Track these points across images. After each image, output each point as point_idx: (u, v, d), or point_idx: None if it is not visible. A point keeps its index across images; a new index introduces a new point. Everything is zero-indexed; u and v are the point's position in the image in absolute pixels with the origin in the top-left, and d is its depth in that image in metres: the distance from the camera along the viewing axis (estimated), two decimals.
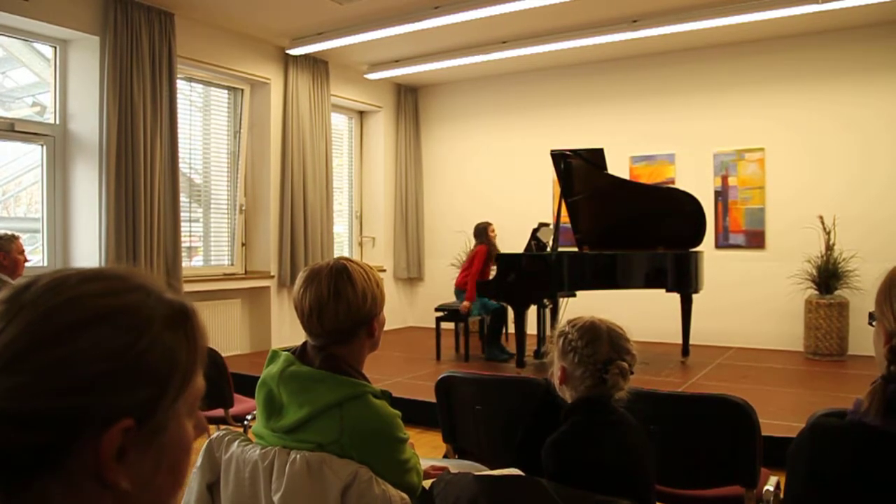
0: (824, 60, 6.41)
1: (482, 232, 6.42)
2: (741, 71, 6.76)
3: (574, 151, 5.79)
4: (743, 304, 6.69)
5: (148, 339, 0.57)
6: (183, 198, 5.95)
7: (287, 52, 6.82)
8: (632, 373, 1.62)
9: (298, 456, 1.44)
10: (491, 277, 6.04)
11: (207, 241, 6.60)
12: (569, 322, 1.67)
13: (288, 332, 6.86)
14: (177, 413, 0.60)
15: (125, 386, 0.56)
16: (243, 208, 6.82)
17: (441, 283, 7.95)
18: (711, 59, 6.88)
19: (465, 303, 6.02)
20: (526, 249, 6.12)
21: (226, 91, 6.73)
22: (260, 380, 1.58)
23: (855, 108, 6.29)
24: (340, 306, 1.52)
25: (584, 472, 1.52)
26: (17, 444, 0.53)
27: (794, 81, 6.56)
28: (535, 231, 6.18)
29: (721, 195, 6.86)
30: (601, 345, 1.60)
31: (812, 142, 6.47)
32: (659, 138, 7.14)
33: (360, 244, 8.45)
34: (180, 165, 5.86)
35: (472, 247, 6.48)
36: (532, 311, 6.02)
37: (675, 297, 5.78)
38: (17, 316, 0.55)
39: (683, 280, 5.69)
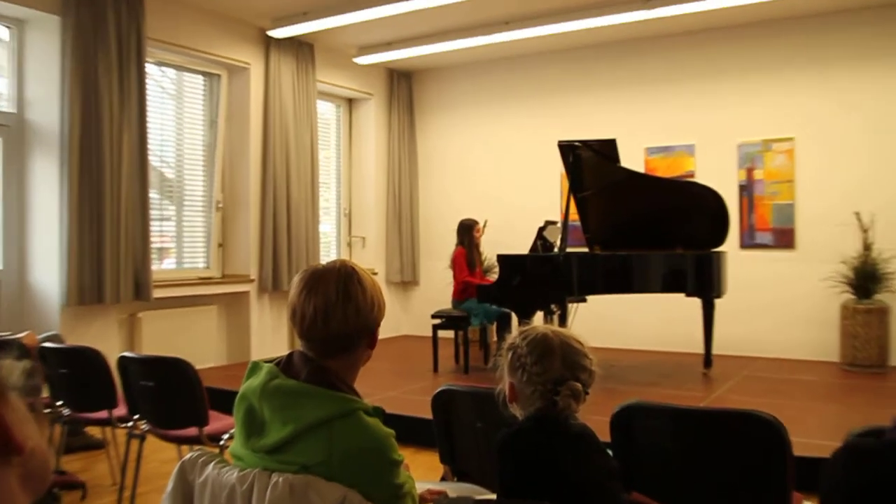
0: (862, 40, 6.40)
1: (465, 231, 6.43)
2: (768, 53, 6.77)
3: (584, 142, 5.79)
4: (771, 310, 6.69)
5: None
6: (153, 194, 5.95)
7: (268, 33, 6.81)
8: (587, 393, 1.60)
9: (281, 479, 1.44)
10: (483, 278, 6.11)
11: (180, 242, 6.60)
12: (520, 333, 1.66)
13: (269, 341, 6.85)
14: None
15: None
16: (220, 206, 6.81)
17: (437, 287, 7.94)
18: (734, 40, 6.89)
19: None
20: (531, 250, 6.12)
21: (201, 77, 6.72)
22: (239, 394, 1.58)
23: None
24: (349, 309, 1.55)
25: (540, 478, 1.53)
26: None
27: (827, 64, 6.56)
28: (541, 230, 6.18)
29: (746, 190, 6.87)
30: (552, 361, 1.58)
31: (846, 131, 6.47)
32: (677, 128, 7.15)
33: (349, 245, 8.44)
34: (150, 159, 5.84)
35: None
36: (538, 319, 6.02)
37: (696, 303, 5.78)
38: None
39: (705, 283, 5.70)
